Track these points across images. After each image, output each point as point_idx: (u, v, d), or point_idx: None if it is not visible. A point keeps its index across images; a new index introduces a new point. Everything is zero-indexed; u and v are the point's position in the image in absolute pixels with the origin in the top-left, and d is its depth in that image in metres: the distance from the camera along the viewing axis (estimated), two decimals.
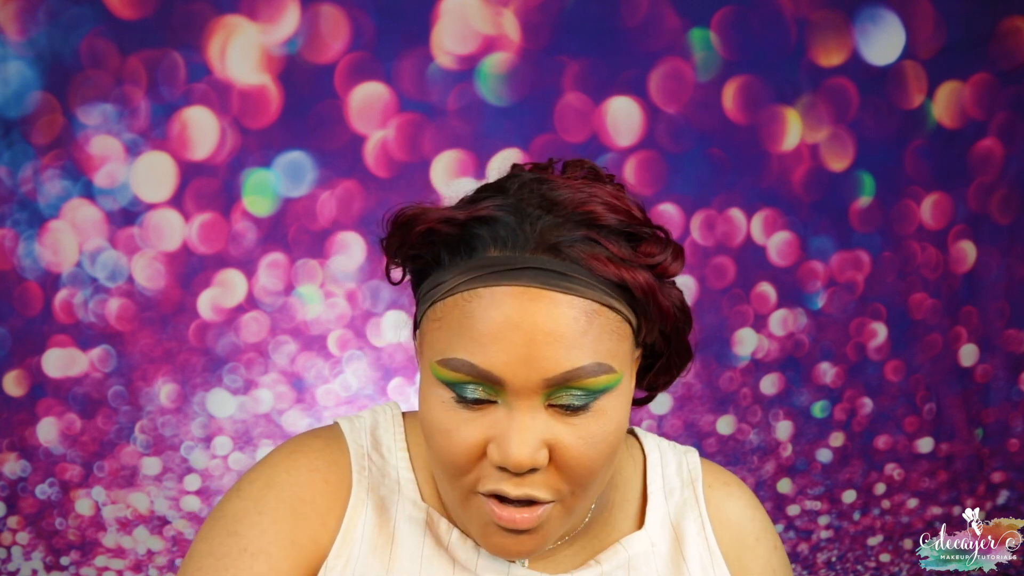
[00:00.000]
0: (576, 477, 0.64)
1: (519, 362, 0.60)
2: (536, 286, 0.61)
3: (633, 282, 0.63)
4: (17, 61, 1.75)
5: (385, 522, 0.71)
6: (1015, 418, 2.18)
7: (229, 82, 1.80)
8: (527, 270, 0.61)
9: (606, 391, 0.63)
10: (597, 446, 0.63)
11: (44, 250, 1.81)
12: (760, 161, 1.98)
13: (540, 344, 0.60)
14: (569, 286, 0.61)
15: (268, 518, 0.68)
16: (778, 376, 2.06)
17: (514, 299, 0.61)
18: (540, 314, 0.60)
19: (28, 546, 1.88)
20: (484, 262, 0.62)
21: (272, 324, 1.88)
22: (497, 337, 0.61)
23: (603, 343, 0.62)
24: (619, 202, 0.66)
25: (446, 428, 0.64)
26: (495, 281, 0.61)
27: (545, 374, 0.61)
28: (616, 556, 0.75)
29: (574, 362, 0.61)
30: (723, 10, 1.91)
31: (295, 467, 0.71)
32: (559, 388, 0.62)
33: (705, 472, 0.81)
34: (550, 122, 1.89)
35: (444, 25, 1.83)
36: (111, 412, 1.87)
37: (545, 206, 0.64)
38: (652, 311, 0.66)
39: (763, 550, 0.79)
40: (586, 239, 0.63)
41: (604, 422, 0.64)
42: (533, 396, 0.62)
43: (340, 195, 1.85)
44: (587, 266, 0.62)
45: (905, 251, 2.07)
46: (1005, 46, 2.02)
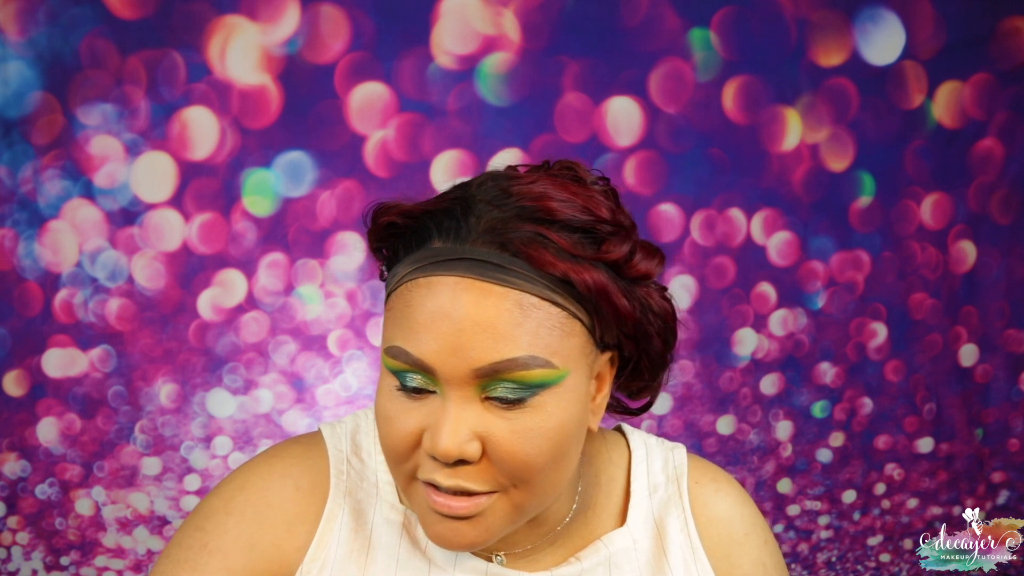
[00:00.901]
0: (512, 471, 0.63)
1: (449, 351, 0.61)
2: (471, 276, 0.61)
3: (578, 279, 0.62)
4: (17, 61, 1.75)
5: (362, 526, 0.72)
6: (1015, 418, 2.18)
7: (229, 82, 1.80)
8: (464, 260, 0.62)
9: (544, 386, 0.62)
10: (533, 441, 0.62)
11: (44, 250, 1.81)
12: (760, 161, 1.98)
13: (469, 334, 0.60)
14: (505, 278, 0.61)
15: (233, 519, 0.70)
16: (778, 376, 2.06)
17: (448, 289, 0.61)
18: (471, 304, 0.60)
19: (28, 546, 1.88)
20: (428, 253, 0.63)
21: (272, 324, 1.88)
22: (429, 326, 0.61)
23: (541, 337, 0.62)
24: (581, 199, 0.65)
25: (389, 415, 0.64)
26: (433, 271, 0.62)
27: (473, 364, 0.61)
28: (596, 553, 0.74)
29: (504, 354, 0.60)
30: (723, 10, 1.91)
31: (269, 472, 0.73)
32: (492, 380, 0.61)
33: (693, 468, 0.80)
34: (550, 122, 1.89)
35: (444, 25, 1.83)
36: (111, 412, 1.87)
37: (497, 200, 0.64)
38: (604, 310, 0.64)
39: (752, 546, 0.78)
40: (532, 233, 0.62)
41: (542, 418, 0.63)
42: (466, 387, 0.62)
43: (340, 195, 1.85)
44: (528, 259, 0.62)
45: (905, 251, 2.08)
46: (1005, 46, 2.02)
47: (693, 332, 2.01)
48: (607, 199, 0.68)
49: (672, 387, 2.02)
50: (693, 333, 2.01)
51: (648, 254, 0.68)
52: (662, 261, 0.69)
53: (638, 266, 0.66)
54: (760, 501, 2.09)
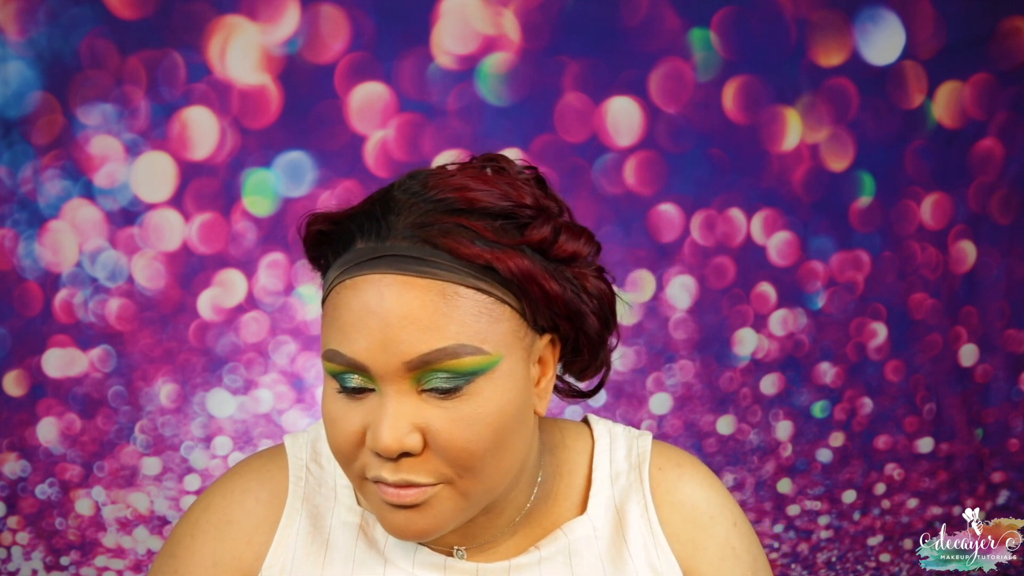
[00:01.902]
0: (455, 460, 0.64)
1: (378, 348, 0.62)
2: (393, 272, 0.62)
3: (501, 265, 0.63)
4: (17, 61, 1.75)
5: (319, 529, 0.75)
6: (1015, 418, 2.18)
7: (229, 82, 1.80)
8: (384, 258, 0.63)
9: (477, 373, 0.63)
10: (472, 428, 0.63)
11: (44, 250, 1.82)
12: (760, 161, 1.98)
13: (395, 328, 0.61)
14: (425, 270, 0.62)
15: (198, 540, 0.75)
16: (778, 376, 2.06)
17: (373, 286, 0.62)
18: (395, 299, 0.62)
19: (28, 546, 1.88)
20: (352, 255, 0.64)
21: (272, 324, 1.88)
22: (358, 325, 0.62)
23: (468, 325, 0.62)
24: (500, 187, 0.65)
25: (333, 417, 0.66)
26: (357, 271, 0.63)
27: (403, 357, 0.61)
28: (556, 542, 0.75)
29: (432, 344, 0.61)
30: (723, 10, 1.91)
31: (230, 490, 0.76)
32: (425, 372, 0.62)
33: (657, 454, 0.79)
34: (550, 122, 1.89)
35: (444, 25, 1.83)
36: (111, 412, 1.87)
37: (417, 195, 0.65)
38: (532, 293, 0.65)
39: (719, 529, 0.77)
40: (452, 224, 0.63)
41: (479, 404, 0.63)
42: (400, 381, 0.62)
43: (340, 195, 1.85)
44: (447, 249, 0.63)
45: (905, 251, 2.08)
46: (1005, 46, 2.02)
47: (693, 332, 2.01)
48: (531, 186, 0.69)
49: (672, 387, 2.02)
50: (693, 333, 2.01)
51: (574, 234, 0.68)
52: (590, 240, 0.70)
53: (564, 247, 0.67)
54: (760, 501, 2.09)
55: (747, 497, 2.07)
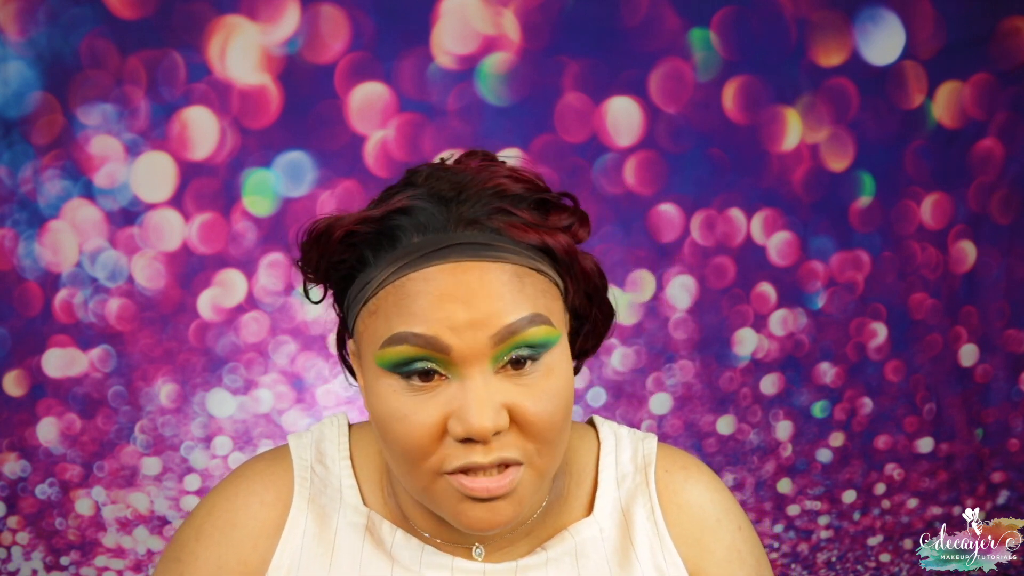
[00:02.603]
0: (539, 434, 0.65)
1: (464, 326, 0.63)
2: (466, 259, 0.64)
3: (556, 244, 0.67)
4: (17, 61, 1.75)
5: (326, 530, 0.75)
6: (1015, 418, 2.18)
7: (229, 82, 1.80)
8: (454, 247, 0.64)
9: (548, 346, 0.65)
10: (553, 400, 0.65)
11: (44, 250, 1.81)
12: (760, 161, 1.98)
13: (480, 307, 0.63)
14: (497, 255, 0.65)
15: (202, 544, 0.75)
16: (778, 376, 2.06)
17: (447, 275, 0.63)
18: (475, 282, 0.63)
19: (28, 546, 1.88)
20: (410, 249, 0.65)
21: (272, 324, 1.88)
22: (437, 308, 0.63)
23: (539, 300, 0.66)
24: (520, 174, 0.69)
25: (402, 415, 0.64)
26: (424, 263, 0.64)
27: (490, 331, 0.63)
28: (563, 543, 0.75)
29: (515, 315, 0.63)
30: (723, 10, 1.91)
31: (234, 493, 0.76)
32: (506, 347, 0.64)
33: (663, 457, 0.80)
34: (550, 122, 1.89)
35: (444, 25, 1.83)
36: (111, 412, 1.87)
37: (456, 187, 0.67)
38: (576, 271, 0.69)
39: (725, 532, 0.78)
40: (501, 211, 0.66)
41: (553, 378, 0.66)
42: (482, 361, 0.63)
43: (340, 195, 1.85)
44: (508, 235, 0.66)
45: (905, 251, 2.08)
46: (1005, 46, 2.02)
47: (693, 332, 2.01)
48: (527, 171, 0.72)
49: (672, 387, 2.02)
50: (693, 333, 2.01)
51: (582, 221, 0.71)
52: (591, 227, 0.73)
53: (580, 232, 0.71)
54: (760, 501, 2.09)
55: (747, 497, 2.07)
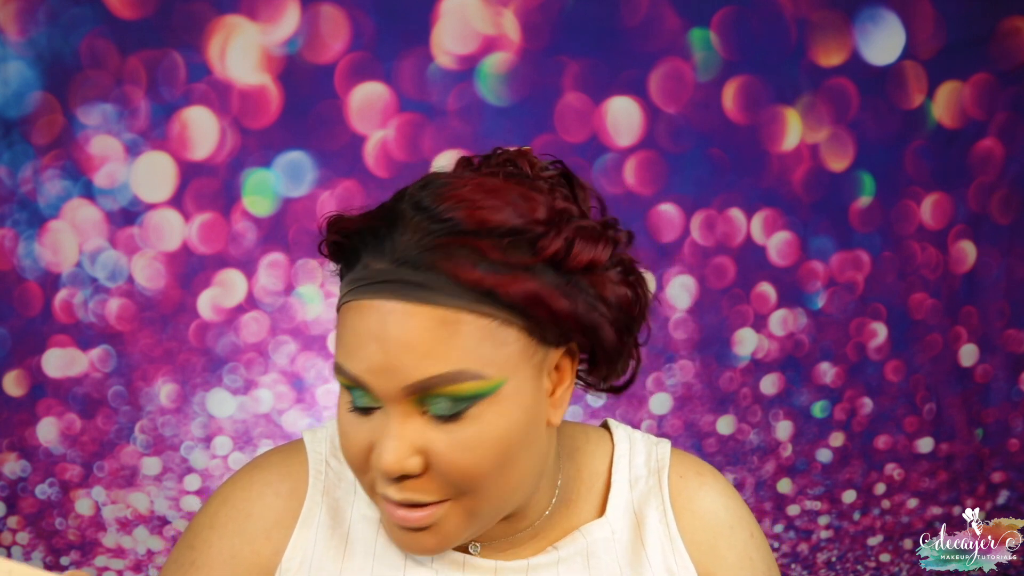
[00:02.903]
0: (457, 482, 0.64)
1: (379, 370, 0.62)
2: (394, 299, 0.62)
3: (501, 290, 0.61)
4: (17, 61, 1.75)
5: (339, 523, 0.75)
6: (1015, 418, 2.18)
7: (229, 82, 1.80)
8: (387, 283, 0.62)
9: (479, 397, 0.63)
10: (474, 452, 0.63)
11: (44, 250, 1.81)
12: (760, 161, 1.98)
13: (395, 354, 0.61)
14: (427, 296, 0.61)
15: (216, 533, 0.75)
16: (778, 376, 2.06)
17: (374, 312, 0.62)
18: (395, 327, 0.62)
19: (28, 546, 1.88)
20: (359, 274, 0.64)
21: (272, 324, 1.88)
22: (361, 346, 0.63)
23: (470, 350, 0.62)
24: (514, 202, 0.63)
25: (345, 431, 0.66)
26: (362, 294, 0.63)
27: (402, 382, 0.62)
28: (575, 543, 0.75)
29: (429, 371, 0.61)
30: (723, 10, 1.91)
31: (250, 483, 0.76)
32: (425, 396, 0.62)
33: (678, 463, 0.80)
34: (550, 122, 1.89)
35: (444, 25, 1.83)
36: (111, 412, 1.87)
37: (425, 212, 0.63)
38: (538, 315, 0.63)
39: (738, 539, 0.78)
40: (456, 246, 0.62)
41: (481, 428, 0.63)
42: (402, 403, 0.63)
43: (340, 195, 1.85)
44: (450, 274, 0.61)
45: (905, 251, 2.08)
46: (1005, 46, 2.02)
47: (693, 332, 2.01)
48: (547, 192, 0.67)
49: (672, 387, 2.02)
50: (693, 333, 2.01)
51: (590, 240, 0.65)
52: (608, 243, 0.67)
53: (580, 257, 0.64)
54: (760, 501, 2.09)
55: (747, 497, 2.07)
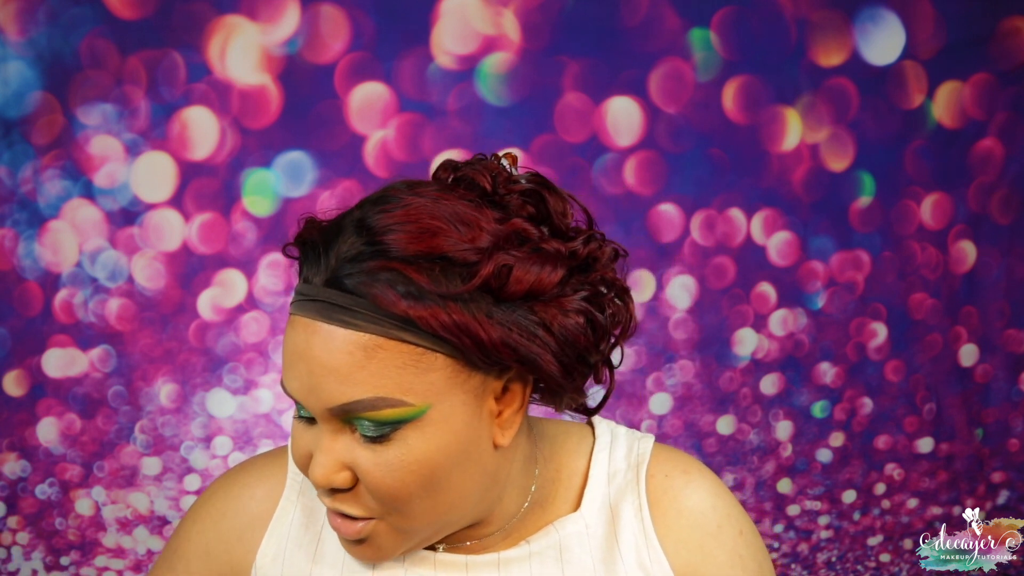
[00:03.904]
0: (383, 501, 0.65)
1: (307, 390, 0.63)
2: (319, 319, 0.62)
3: (420, 319, 0.60)
4: (17, 61, 1.75)
5: (313, 522, 0.77)
6: (1015, 418, 2.18)
7: (229, 82, 1.80)
8: (315, 302, 0.63)
9: (403, 422, 0.62)
10: (396, 475, 0.63)
11: (44, 250, 1.81)
12: (760, 161, 1.98)
13: (318, 376, 0.62)
14: (348, 320, 0.61)
15: (196, 528, 0.79)
16: (778, 376, 2.06)
17: (302, 330, 0.63)
18: (318, 347, 0.62)
19: (28, 546, 1.88)
20: (299, 287, 0.65)
21: (272, 324, 1.88)
22: (291, 364, 0.64)
23: (390, 377, 0.61)
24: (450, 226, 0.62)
25: (293, 436, 0.69)
26: (295, 310, 0.65)
27: (325, 404, 0.63)
28: (547, 537, 0.75)
29: (348, 396, 0.62)
30: (723, 10, 1.91)
31: (231, 484, 0.79)
32: (348, 417, 0.63)
33: (663, 460, 0.78)
34: (550, 122, 1.89)
35: (444, 25, 1.83)
36: (111, 412, 1.87)
37: (364, 231, 0.62)
38: (464, 345, 0.61)
39: (727, 537, 0.77)
40: (386, 270, 0.61)
41: (405, 451, 0.63)
42: (332, 420, 0.64)
43: (340, 195, 1.85)
44: (373, 300, 0.61)
45: (905, 251, 2.08)
46: (1005, 46, 2.02)
47: (693, 332, 2.01)
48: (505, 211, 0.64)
49: (672, 387, 2.02)
50: (693, 333, 2.01)
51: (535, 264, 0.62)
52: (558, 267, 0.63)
53: (518, 285, 0.62)
54: (760, 501, 2.09)
55: (747, 497, 2.07)
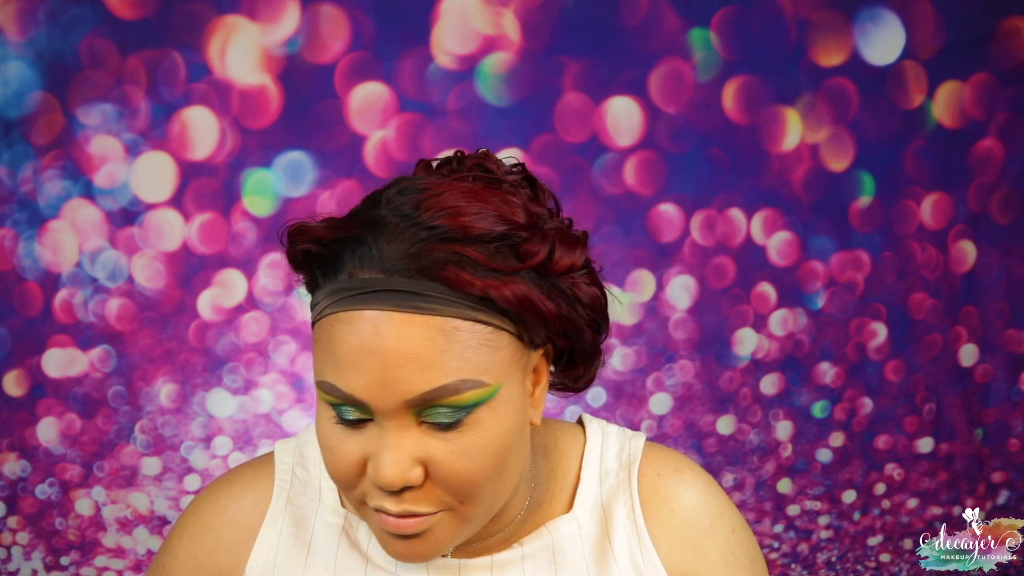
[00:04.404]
0: (457, 490, 0.64)
1: (378, 386, 0.61)
2: (389, 309, 0.60)
3: (498, 295, 0.61)
4: (17, 61, 1.75)
5: (302, 531, 0.76)
6: (1015, 418, 2.18)
7: (229, 82, 1.80)
8: (380, 292, 0.61)
9: (478, 405, 0.62)
10: (474, 459, 0.63)
11: (44, 250, 1.82)
12: (760, 161, 1.98)
13: (395, 367, 0.60)
14: (423, 306, 0.60)
15: (184, 543, 0.78)
16: (778, 376, 2.06)
17: (368, 324, 0.61)
18: (393, 337, 0.60)
19: (28, 546, 1.88)
20: (344, 284, 0.62)
21: (272, 324, 1.88)
22: (355, 362, 0.61)
23: (468, 359, 0.61)
24: (495, 207, 0.63)
25: (330, 446, 0.65)
26: (351, 305, 0.61)
27: (404, 396, 0.61)
28: (540, 539, 0.75)
29: (432, 382, 0.60)
30: (723, 10, 1.91)
31: (217, 497, 0.78)
32: (425, 407, 0.61)
33: (655, 459, 0.78)
34: (550, 122, 1.89)
35: (444, 25, 1.83)
36: (111, 412, 1.87)
37: (409, 220, 0.62)
38: (528, 319, 0.63)
39: (720, 535, 0.77)
40: (448, 253, 0.61)
41: (480, 435, 0.63)
42: (401, 416, 0.62)
43: (340, 195, 1.85)
44: (445, 283, 0.61)
45: (905, 251, 2.08)
46: (1005, 46, 2.02)
47: (693, 332, 2.01)
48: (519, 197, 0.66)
49: (672, 387, 2.02)
50: (693, 333, 2.01)
51: (568, 246, 0.66)
52: (584, 248, 0.68)
53: (560, 262, 0.65)
54: (760, 501, 2.09)
55: (747, 497, 2.07)
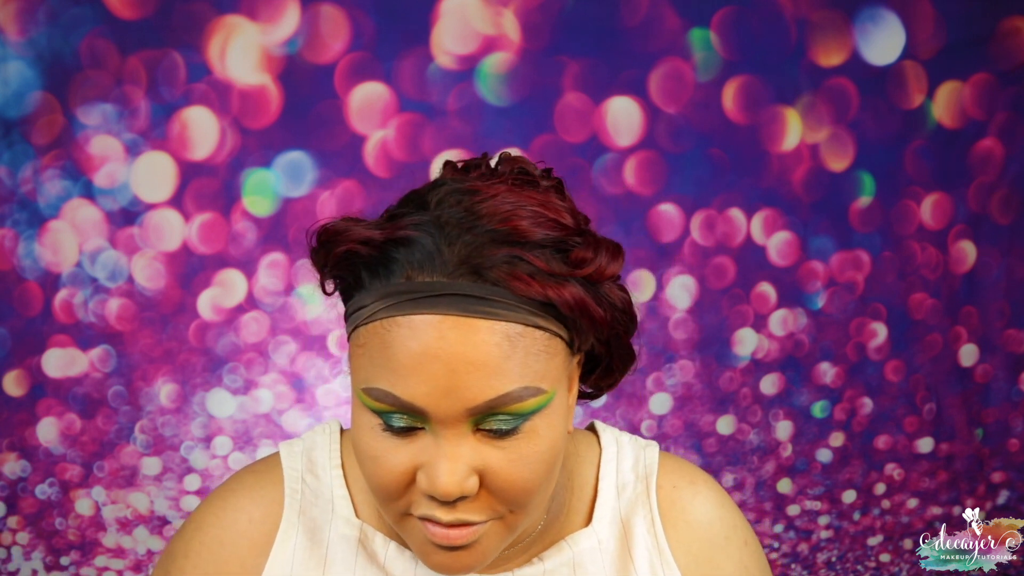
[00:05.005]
0: (511, 499, 0.63)
1: (441, 393, 0.59)
2: (454, 313, 0.59)
3: (559, 299, 0.61)
4: (17, 61, 1.75)
5: (317, 544, 0.73)
6: (1015, 418, 2.18)
7: (229, 82, 1.80)
8: (445, 296, 0.59)
9: (535, 412, 0.61)
10: (530, 467, 0.62)
11: (44, 250, 1.81)
12: (760, 161, 1.98)
13: (461, 374, 0.58)
14: (489, 311, 0.59)
15: (191, 562, 0.73)
16: (778, 376, 2.06)
17: (432, 328, 0.59)
18: (459, 343, 0.58)
19: (28, 546, 1.88)
20: (402, 288, 0.60)
21: (272, 324, 1.88)
22: (417, 368, 0.59)
23: (530, 365, 0.60)
24: (547, 211, 0.62)
25: (375, 455, 0.63)
26: (412, 309, 0.59)
27: (468, 404, 0.59)
28: (560, 554, 0.74)
29: (498, 389, 0.59)
30: (723, 10, 1.91)
31: (223, 509, 0.74)
32: (486, 415, 0.60)
33: (669, 470, 0.78)
34: (550, 122, 1.89)
35: (444, 25, 1.83)
36: (111, 412, 1.87)
37: (466, 223, 0.61)
38: (583, 324, 0.63)
39: (734, 548, 0.77)
40: (509, 257, 0.60)
41: (535, 442, 0.62)
42: (459, 424, 0.60)
43: (340, 195, 1.85)
44: (509, 288, 0.60)
45: (905, 251, 2.08)
46: (1005, 46, 2.02)
47: (693, 332, 2.01)
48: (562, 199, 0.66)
49: (672, 387, 2.02)
50: (693, 333, 2.01)
51: (613, 255, 0.65)
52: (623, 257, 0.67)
53: (607, 270, 0.64)
54: (760, 501, 2.09)
55: (747, 497, 2.07)
